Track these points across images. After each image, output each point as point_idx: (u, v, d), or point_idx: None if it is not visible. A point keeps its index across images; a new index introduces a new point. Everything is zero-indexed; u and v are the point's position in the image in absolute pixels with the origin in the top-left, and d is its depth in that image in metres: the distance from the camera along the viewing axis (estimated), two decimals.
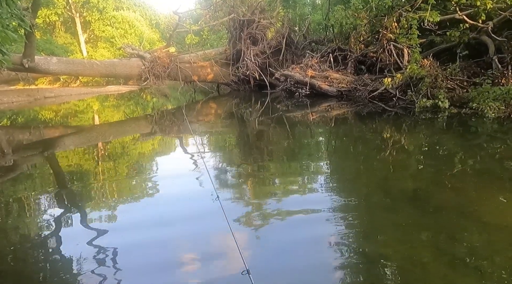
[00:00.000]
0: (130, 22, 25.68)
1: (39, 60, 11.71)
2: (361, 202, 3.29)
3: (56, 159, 5.42)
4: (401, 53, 9.83)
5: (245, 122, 8.44)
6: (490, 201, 3.12)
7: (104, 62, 14.48)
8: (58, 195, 3.70)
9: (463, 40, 9.06)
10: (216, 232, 2.68)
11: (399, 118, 7.55)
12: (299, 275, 2.13)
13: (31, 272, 2.30)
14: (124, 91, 18.58)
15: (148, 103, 14.88)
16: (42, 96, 15.03)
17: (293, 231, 2.69)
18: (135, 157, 5.38)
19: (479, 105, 7.13)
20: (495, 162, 4.29)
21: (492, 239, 2.47)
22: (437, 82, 8.17)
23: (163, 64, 13.76)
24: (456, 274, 2.07)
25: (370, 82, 10.14)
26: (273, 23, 14.34)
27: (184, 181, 3.93)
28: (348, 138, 6.35)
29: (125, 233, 2.80)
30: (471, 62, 9.12)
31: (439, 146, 5.25)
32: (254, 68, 13.38)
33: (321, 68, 11.58)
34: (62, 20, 24.94)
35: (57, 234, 2.79)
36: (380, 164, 4.47)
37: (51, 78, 20.67)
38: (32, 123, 9.23)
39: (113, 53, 24.09)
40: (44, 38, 23.05)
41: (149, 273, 2.21)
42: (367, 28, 11.16)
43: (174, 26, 16.90)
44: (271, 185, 3.83)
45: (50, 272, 2.28)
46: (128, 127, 8.54)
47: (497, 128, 6.18)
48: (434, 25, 9.07)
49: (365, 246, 2.47)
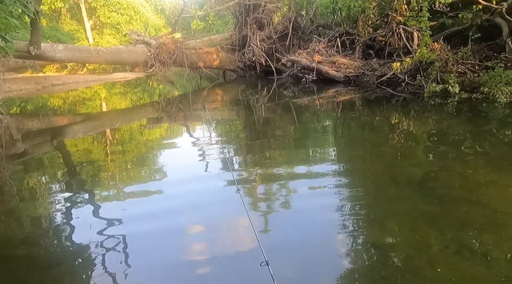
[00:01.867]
0: (136, 8, 25.46)
1: (46, 47, 11.72)
2: (369, 188, 3.27)
3: (66, 146, 5.49)
4: (411, 37, 9.58)
5: (252, 109, 8.40)
6: (499, 188, 3.08)
7: (110, 49, 14.44)
8: (69, 181, 3.76)
9: (475, 23, 8.77)
10: (235, 222, 2.70)
11: (407, 104, 7.43)
12: (308, 262, 2.15)
13: (42, 257, 2.35)
14: (130, 78, 18.59)
15: (154, 90, 14.88)
16: (49, 84, 15.13)
17: (300, 218, 2.71)
18: (147, 144, 5.42)
19: (490, 90, 6.96)
20: (505, 148, 4.21)
21: (500, 226, 2.44)
22: (447, 66, 7.97)
23: (168, 50, 13.68)
24: (464, 262, 2.06)
25: (378, 67, 9.95)
26: (280, 7, 14.05)
27: (200, 169, 3.94)
28: (356, 125, 6.28)
29: (141, 220, 2.81)
30: (483, 45, 8.85)
31: (448, 132, 5.16)
32: (260, 54, 13.22)
33: (328, 53, 11.38)
34: (67, 7, 24.80)
35: (69, 220, 2.84)
36: (388, 150, 4.43)
37: (58, 66, 20.74)
38: (41, 111, 9.33)
39: (119, 40, 24.01)
40: (50, 25, 23.03)
41: (164, 263, 2.24)
42: (376, 11, 10.87)
43: (179, 12, 16.72)
44: (278, 171, 3.83)
45: (61, 258, 2.34)
46: (137, 114, 8.58)
47: (508, 114, 6.04)
48: (445, 7, 8.79)
49: (372, 233, 2.47)
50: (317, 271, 2.07)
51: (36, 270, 2.21)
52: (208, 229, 2.63)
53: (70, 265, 2.24)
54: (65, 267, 2.24)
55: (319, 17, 14.98)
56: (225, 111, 8.40)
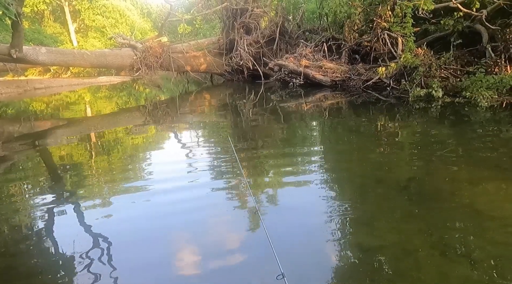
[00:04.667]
0: (121, 11, 25.17)
1: (28, 50, 11.45)
2: (355, 191, 3.29)
3: (49, 151, 5.34)
4: (395, 42, 9.79)
5: (240, 113, 8.39)
6: (482, 190, 3.15)
7: (95, 52, 14.21)
8: (52, 188, 3.65)
9: (457, 29, 9.04)
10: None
11: (393, 108, 7.56)
12: (293, 263, 2.14)
13: (23, 266, 2.27)
14: (116, 82, 18.31)
15: (141, 94, 14.70)
16: (32, 88, 14.76)
17: (289, 222, 2.70)
18: (132, 149, 5.32)
19: (472, 94, 7.16)
20: (487, 151, 4.32)
21: (484, 228, 2.49)
22: (431, 71, 8.17)
23: (155, 54, 13.57)
24: (448, 263, 2.09)
25: (364, 71, 10.11)
26: (267, 12, 14.16)
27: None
28: (342, 129, 6.34)
29: (127, 228, 2.75)
30: (465, 51, 9.11)
31: (432, 135, 5.27)
32: (247, 58, 13.26)
33: (315, 57, 11.50)
34: (51, 9, 24.34)
35: (51, 228, 2.76)
36: (374, 153, 4.48)
37: (41, 69, 20.27)
38: (22, 115, 9.07)
39: (104, 43, 23.66)
40: (33, 28, 22.53)
41: (152, 274, 2.19)
42: (361, 17, 11.08)
43: (166, 15, 16.61)
44: (268, 174, 3.81)
45: (43, 267, 2.26)
46: (123, 119, 8.43)
47: (490, 117, 6.21)
48: (428, 13, 9.02)
49: (358, 236, 2.48)
50: (304, 273, 2.06)
51: (17, 279, 2.12)
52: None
53: (53, 274, 2.17)
54: (47, 276, 2.16)
55: (305, 22, 15.17)
56: (213, 115, 8.35)
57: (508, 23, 8.36)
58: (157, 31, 19.00)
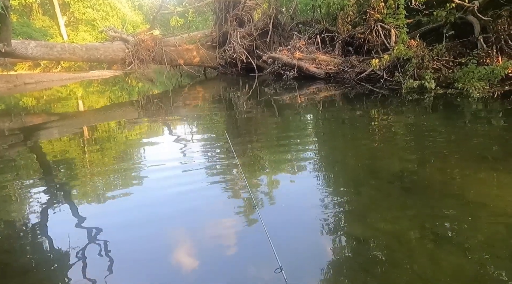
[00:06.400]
0: (112, 4, 24.79)
1: (16, 44, 11.23)
2: (349, 182, 3.32)
3: (41, 147, 5.28)
4: (388, 34, 9.79)
5: (234, 107, 8.36)
6: (473, 180, 3.19)
7: (86, 46, 14.00)
8: (45, 184, 3.62)
9: (449, 20, 9.05)
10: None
11: (386, 100, 7.60)
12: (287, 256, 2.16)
13: (17, 263, 2.25)
14: (108, 76, 18.11)
15: (133, 88, 14.56)
16: (21, 83, 14.54)
17: (284, 215, 2.72)
18: (126, 144, 5.29)
19: (464, 86, 7.21)
20: (478, 141, 4.37)
21: (475, 217, 2.54)
22: (423, 63, 8.20)
23: (147, 47, 13.40)
24: (441, 252, 2.12)
25: (357, 63, 10.12)
26: (260, 4, 14.04)
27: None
28: (336, 120, 6.36)
29: (123, 225, 2.75)
30: (457, 43, 9.16)
31: (424, 127, 5.31)
32: (241, 51, 13.17)
33: (308, 50, 11.47)
34: (39, 2, 23.87)
35: (45, 225, 2.74)
36: (368, 145, 4.51)
37: (31, 64, 19.98)
38: (12, 111, 8.94)
39: (95, 37, 23.34)
40: (21, 21, 22.10)
41: (148, 271, 2.19)
42: (355, 9, 11.04)
43: (158, 8, 16.41)
44: (264, 166, 3.82)
45: (37, 264, 2.24)
46: (115, 113, 8.36)
47: (481, 108, 6.28)
48: (421, 5, 9.03)
49: (353, 228, 2.51)
50: (300, 264, 2.08)
51: (11, 276, 2.11)
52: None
53: (47, 271, 2.16)
54: (41, 273, 2.15)
55: (299, 14, 15.07)
56: (206, 109, 8.31)
57: (499, 14, 8.40)
58: (149, 24, 18.76)
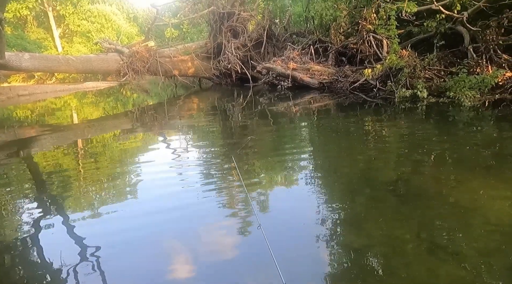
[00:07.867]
0: (107, 16, 24.96)
1: (10, 56, 11.20)
2: (344, 191, 3.32)
3: (34, 159, 5.23)
4: (381, 44, 9.96)
5: (229, 117, 8.38)
6: (467, 188, 3.21)
7: (80, 58, 14.01)
8: (37, 197, 3.57)
9: (439, 31, 9.25)
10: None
11: (379, 109, 7.67)
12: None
13: (7, 276, 2.21)
14: (103, 88, 18.11)
15: (128, 99, 14.56)
16: (15, 95, 14.48)
17: (283, 225, 2.70)
18: (121, 156, 5.25)
19: (455, 94, 7.33)
20: (471, 149, 4.42)
21: (470, 225, 2.55)
22: (415, 72, 8.34)
23: (142, 58, 13.45)
24: (436, 260, 2.12)
25: (351, 73, 10.24)
26: (254, 15, 14.22)
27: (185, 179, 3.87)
28: (330, 130, 6.40)
29: (115, 237, 2.72)
30: (448, 52, 9.33)
31: (418, 135, 5.36)
32: (235, 62, 13.28)
33: (302, 60, 11.61)
34: (34, 15, 23.95)
35: (37, 239, 2.69)
36: (362, 154, 4.53)
37: (24, 76, 19.90)
38: (6, 123, 8.86)
39: (89, 48, 23.40)
40: (15, 33, 22.13)
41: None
42: (347, 20, 11.24)
43: (153, 20, 16.51)
44: (260, 175, 3.82)
45: (28, 277, 2.20)
46: (110, 125, 8.32)
47: (473, 117, 6.36)
48: (411, 15, 9.21)
49: (347, 235, 2.50)
50: (296, 271, 2.06)
51: None
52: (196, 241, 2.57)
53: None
54: None
55: (292, 25, 15.30)
56: (202, 120, 8.32)
57: (488, 25, 8.60)
58: (144, 35, 18.85)
